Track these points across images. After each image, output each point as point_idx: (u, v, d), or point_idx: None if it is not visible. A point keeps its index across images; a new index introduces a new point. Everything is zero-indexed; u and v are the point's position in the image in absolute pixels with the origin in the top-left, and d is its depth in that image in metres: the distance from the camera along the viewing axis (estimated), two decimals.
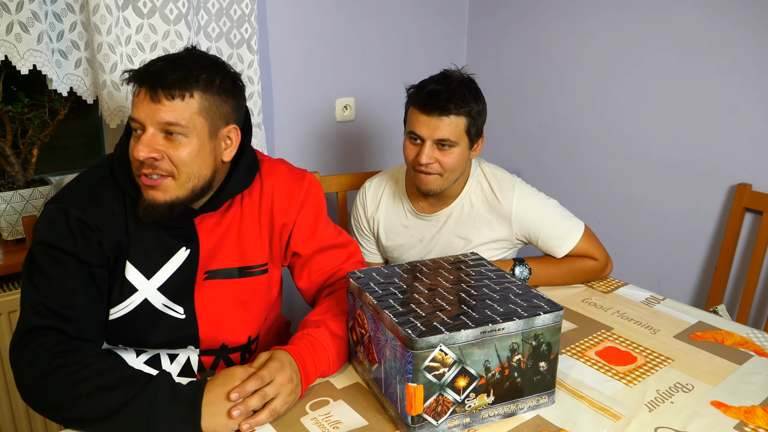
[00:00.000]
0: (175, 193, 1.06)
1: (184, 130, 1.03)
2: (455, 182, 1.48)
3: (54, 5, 1.55)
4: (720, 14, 1.80)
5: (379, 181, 1.64)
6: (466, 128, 1.40)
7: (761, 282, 1.83)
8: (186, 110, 1.03)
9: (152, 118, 1.02)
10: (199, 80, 1.04)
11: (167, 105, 1.01)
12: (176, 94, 1.02)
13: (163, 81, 1.01)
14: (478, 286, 1.07)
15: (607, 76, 2.12)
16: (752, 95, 1.78)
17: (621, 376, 1.12)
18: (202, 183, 1.08)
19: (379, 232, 1.63)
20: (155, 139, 1.03)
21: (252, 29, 1.85)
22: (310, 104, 2.18)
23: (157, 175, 1.04)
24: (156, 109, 1.01)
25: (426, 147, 1.40)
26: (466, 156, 1.44)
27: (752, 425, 0.98)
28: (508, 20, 2.39)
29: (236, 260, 1.18)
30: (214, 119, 1.07)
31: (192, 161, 1.05)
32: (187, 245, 1.13)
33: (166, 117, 1.01)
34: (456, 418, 0.95)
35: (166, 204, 1.06)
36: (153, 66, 1.04)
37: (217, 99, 1.07)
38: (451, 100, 1.37)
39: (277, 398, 0.97)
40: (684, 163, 1.96)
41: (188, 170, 1.05)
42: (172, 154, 1.03)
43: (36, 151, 1.72)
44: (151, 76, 1.02)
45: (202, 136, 1.06)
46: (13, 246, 1.70)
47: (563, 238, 1.47)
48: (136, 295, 1.11)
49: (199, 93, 1.04)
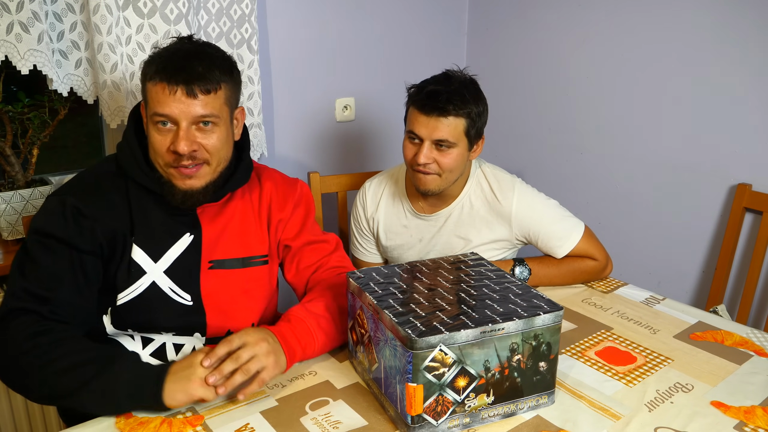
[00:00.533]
0: (210, 178, 1.14)
1: (216, 119, 1.11)
2: (454, 183, 1.47)
3: (54, 5, 1.55)
4: (720, 14, 1.80)
5: (378, 181, 1.64)
6: (465, 130, 1.40)
7: (761, 282, 1.83)
8: (217, 102, 1.11)
9: (187, 113, 1.08)
10: (223, 72, 1.12)
11: (202, 99, 1.08)
12: (211, 88, 1.09)
13: (197, 76, 1.07)
14: (478, 286, 1.08)
15: (607, 76, 2.12)
16: (753, 95, 1.78)
17: (621, 376, 1.12)
18: (226, 164, 1.18)
19: (378, 232, 1.63)
20: (191, 132, 1.09)
21: (252, 29, 1.85)
22: (310, 104, 2.18)
23: (195, 165, 1.11)
24: (191, 104, 1.07)
25: (424, 147, 1.40)
26: (465, 157, 1.44)
27: (752, 425, 0.98)
28: (508, 20, 2.40)
29: (239, 251, 1.24)
30: (232, 104, 1.16)
31: (222, 147, 1.14)
32: (191, 231, 1.19)
33: (201, 111, 1.08)
34: (456, 418, 0.95)
35: (202, 188, 1.14)
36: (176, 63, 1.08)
37: (233, 87, 1.16)
38: (451, 101, 1.37)
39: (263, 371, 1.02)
40: (684, 163, 1.96)
41: (219, 155, 1.14)
42: (206, 143, 1.11)
43: (36, 151, 1.72)
44: (183, 72, 1.07)
45: (227, 122, 1.15)
46: (13, 246, 1.70)
47: (563, 238, 1.47)
48: (144, 278, 1.15)
49: (225, 84, 1.12)
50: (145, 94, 1.11)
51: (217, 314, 1.20)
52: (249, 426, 0.97)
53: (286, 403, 1.04)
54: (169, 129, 1.09)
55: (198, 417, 1.00)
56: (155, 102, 1.08)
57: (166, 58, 1.09)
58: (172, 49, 1.11)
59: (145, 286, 1.15)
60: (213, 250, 1.21)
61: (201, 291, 1.19)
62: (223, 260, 1.22)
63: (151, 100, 1.09)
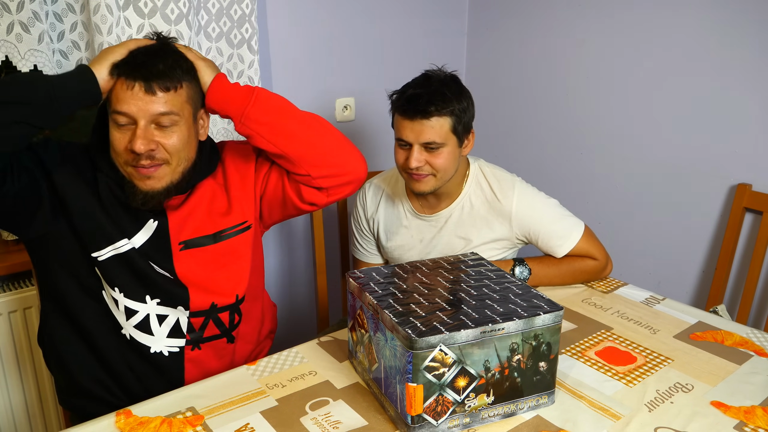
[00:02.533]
0: (170, 179, 1.12)
1: (176, 119, 1.09)
2: (450, 181, 1.47)
3: (55, 5, 1.55)
4: (720, 14, 1.80)
5: (378, 182, 1.65)
6: (452, 128, 1.40)
7: (761, 282, 1.83)
8: (177, 100, 1.09)
9: (146, 110, 1.07)
10: (185, 70, 1.11)
11: (161, 96, 1.07)
12: (170, 85, 1.08)
13: (157, 73, 1.06)
14: (478, 286, 1.08)
15: (607, 76, 2.12)
16: (753, 95, 1.78)
17: (621, 376, 1.12)
18: (189, 165, 1.16)
19: (379, 232, 1.63)
20: (149, 131, 1.08)
21: (252, 29, 1.85)
22: (310, 104, 2.18)
23: (154, 165, 1.09)
24: (150, 101, 1.06)
25: (414, 151, 1.39)
26: (456, 154, 1.44)
27: (752, 425, 0.98)
28: (508, 20, 2.40)
29: (209, 227, 1.23)
30: (195, 103, 1.15)
31: (183, 147, 1.12)
32: (155, 217, 1.19)
33: (161, 108, 1.07)
34: (456, 418, 0.95)
35: (163, 190, 1.12)
36: (138, 59, 1.08)
37: (195, 85, 1.14)
38: (432, 102, 1.36)
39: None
40: (684, 163, 1.96)
41: (180, 155, 1.12)
42: (166, 143, 1.09)
43: None
44: (143, 69, 1.06)
45: (189, 122, 1.13)
46: (13, 246, 1.70)
47: (563, 237, 1.47)
48: (123, 242, 1.15)
49: (186, 82, 1.11)
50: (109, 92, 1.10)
51: (198, 290, 1.20)
52: (249, 426, 0.98)
53: (286, 403, 1.04)
54: (128, 127, 1.08)
55: (198, 417, 1.00)
56: (115, 99, 1.07)
57: (130, 56, 1.09)
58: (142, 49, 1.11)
59: (126, 249, 1.15)
60: (181, 231, 1.21)
61: (176, 271, 1.19)
62: (193, 239, 1.21)
63: (112, 98, 1.09)
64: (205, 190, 1.24)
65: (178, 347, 1.21)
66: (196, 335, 1.22)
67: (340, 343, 1.24)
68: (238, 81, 1.88)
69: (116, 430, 0.97)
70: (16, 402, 1.68)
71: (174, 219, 1.20)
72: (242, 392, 1.07)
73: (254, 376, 1.12)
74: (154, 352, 1.19)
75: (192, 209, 1.22)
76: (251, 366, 1.15)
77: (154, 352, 1.19)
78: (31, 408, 1.71)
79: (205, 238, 1.22)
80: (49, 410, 1.73)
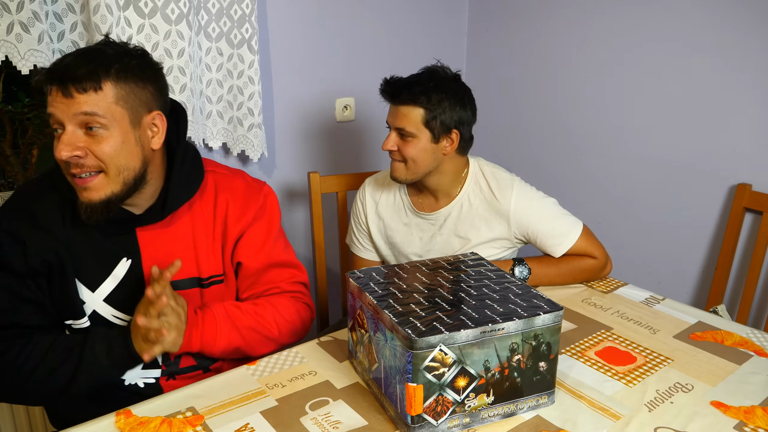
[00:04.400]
0: (109, 189, 1.05)
1: (102, 120, 1.01)
2: (443, 178, 1.49)
3: (55, 5, 1.55)
4: (720, 14, 1.80)
5: (379, 179, 1.65)
6: (424, 120, 1.40)
7: (761, 282, 1.83)
8: (102, 102, 1.01)
9: (67, 112, 1.00)
10: (109, 70, 1.01)
11: (78, 98, 0.99)
12: (88, 86, 1.00)
13: (72, 75, 0.99)
14: (478, 286, 1.08)
15: (607, 76, 2.12)
16: (752, 95, 1.78)
17: (621, 376, 1.12)
18: (134, 175, 1.07)
19: (378, 228, 1.63)
20: (75, 136, 1.01)
21: (252, 29, 1.85)
22: (310, 104, 2.18)
23: (87, 174, 1.03)
24: (69, 103, 1.00)
25: (391, 133, 1.46)
26: (429, 149, 1.43)
27: (752, 425, 0.98)
28: (508, 20, 2.40)
29: (192, 271, 1.18)
30: (134, 107, 1.05)
31: (118, 154, 1.04)
32: (129, 256, 1.14)
33: (81, 108, 0.99)
34: (456, 418, 0.95)
35: (103, 202, 1.05)
36: (61, 62, 1.02)
37: (133, 86, 1.04)
38: (403, 89, 1.40)
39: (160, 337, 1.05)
40: (684, 163, 1.96)
41: (116, 163, 1.04)
42: (96, 149, 1.02)
43: (36, 151, 1.73)
44: (59, 72, 1.00)
45: (124, 126, 1.04)
46: None
47: (562, 236, 1.47)
48: (85, 307, 1.13)
49: (111, 82, 1.02)
50: None
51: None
52: (249, 426, 0.97)
53: (286, 403, 1.04)
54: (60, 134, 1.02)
55: (198, 417, 1.00)
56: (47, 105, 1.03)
57: (58, 61, 1.03)
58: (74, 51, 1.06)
59: (88, 314, 1.13)
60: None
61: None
62: (173, 282, 1.13)
63: None
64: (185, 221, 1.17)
65: (153, 378, 1.18)
66: (172, 368, 1.19)
67: (340, 343, 1.24)
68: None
69: (116, 430, 0.97)
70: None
71: (149, 256, 1.13)
72: (242, 392, 1.07)
73: (254, 376, 1.12)
74: (128, 384, 1.16)
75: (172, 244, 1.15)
76: (251, 366, 1.15)
77: (128, 384, 1.16)
78: (32, 408, 1.71)
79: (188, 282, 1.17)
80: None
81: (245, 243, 1.23)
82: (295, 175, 2.20)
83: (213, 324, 1.14)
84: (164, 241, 1.16)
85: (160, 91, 1.10)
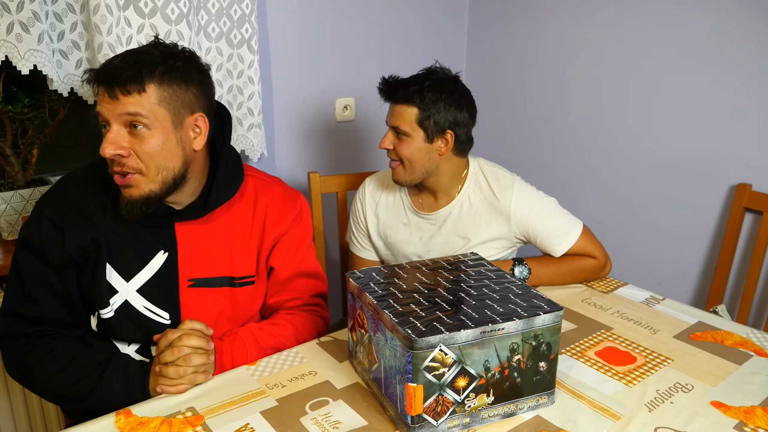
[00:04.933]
0: (148, 188, 1.08)
1: (146, 121, 1.04)
2: (442, 177, 1.49)
3: (55, 5, 1.55)
4: (720, 14, 1.80)
5: (379, 179, 1.65)
6: (418, 119, 1.41)
7: (761, 282, 1.83)
8: (145, 102, 1.04)
9: (113, 112, 1.04)
10: (154, 72, 1.04)
11: (123, 99, 1.03)
12: (132, 88, 1.03)
13: (118, 78, 1.03)
14: (478, 286, 1.08)
15: (607, 76, 2.12)
16: (753, 95, 1.78)
17: (621, 376, 1.12)
18: (173, 175, 1.09)
19: (378, 228, 1.63)
20: (120, 135, 1.05)
21: (252, 29, 1.85)
22: (310, 104, 2.18)
23: (126, 173, 1.06)
24: (115, 104, 1.03)
25: (388, 132, 1.46)
26: (423, 149, 1.44)
27: (752, 425, 0.98)
28: (508, 20, 2.39)
29: (225, 270, 1.21)
30: (176, 108, 1.07)
31: (158, 154, 1.06)
32: (166, 249, 1.16)
33: (126, 108, 1.03)
34: (456, 418, 0.95)
35: (142, 199, 1.08)
36: (109, 63, 1.06)
37: (176, 88, 1.07)
38: (398, 87, 1.41)
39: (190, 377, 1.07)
40: (684, 163, 1.96)
41: (156, 163, 1.07)
42: (138, 149, 1.05)
43: (36, 151, 1.72)
44: (106, 74, 1.04)
45: (166, 127, 1.06)
46: (13, 246, 1.69)
47: (562, 236, 1.47)
48: (116, 297, 1.15)
49: (154, 84, 1.04)
50: None
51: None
52: (249, 426, 0.97)
53: (286, 403, 1.04)
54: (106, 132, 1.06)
55: (198, 417, 1.00)
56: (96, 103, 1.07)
57: (107, 62, 1.07)
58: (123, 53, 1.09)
59: (118, 304, 1.15)
60: (193, 268, 1.18)
61: (181, 310, 1.17)
62: (206, 278, 1.18)
63: None
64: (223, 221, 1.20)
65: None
66: None
67: (340, 343, 1.23)
68: (244, 151, 1.88)
69: (116, 429, 0.97)
70: (16, 402, 1.68)
71: (186, 252, 1.17)
72: (242, 392, 1.07)
73: (254, 376, 1.12)
74: None
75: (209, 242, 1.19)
76: (251, 366, 1.15)
77: None
78: (32, 408, 1.71)
79: (220, 280, 1.20)
80: (49, 410, 1.73)
81: (280, 249, 1.26)
82: (295, 175, 2.20)
83: (243, 348, 1.17)
84: (201, 237, 1.18)
85: (204, 93, 1.12)
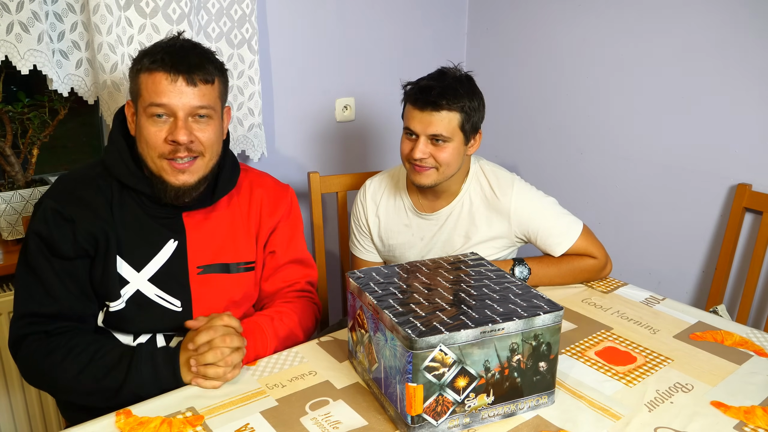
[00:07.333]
0: (203, 172, 1.16)
1: (210, 112, 1.13)
2: (451, 178, 1.48)
3: (55, 5, 1.55)
4: (720, 14, 1.80)
5: (379, 181, 1.65)
6: (460, 124, 1.41)
7: (761, 282, 1.83)
8: (213, 94, 1.14)
9: (185, 103, 1.10)
10: (217, 68, 1.15)
11: (201, 89, 1.10)
12: (209, 78, 1.12)
13: (198, 66, 1.10)
14: (478, 286, 1.08)
15: (607, 76, 2.12)
16: (752, 95, 1.78)
17: (621, 376, 1.12)
18: (217, 159, 1.19)
19: (379, 231, 1.63)
20: (188, 124, 1.11)
21: (252, 29, 1.85)
22: (310, 104, 2.18)
23: (190, 158, 1.13)
24: (191, 93, 1.09)
25: (420, 142, 1.41)
26: (461, 152, 1.44)
27: (752, 425, 0.98)
28: (508, 20, 2.40)
29: (228, 256, 1.25)
30: (222, 100, 1.19)
31: (216, 141, 1.17)
32: (175, 237, 1.19)
33: (200, 101, 1.11)
34: (456, 418, 0.95)
35: (196, 183, 1.15)
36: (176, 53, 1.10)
37: (224, 83, 1.19)
38: (443, 95, 1.38)
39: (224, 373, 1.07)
40: (684, 163, 1.96)
41: (213, 150, 1.16)
42: (201, 136, 1.13)
43: (36, 151, 1.72)
44: (185, 61, 1.09)
45: (219, 117, 1.18)
46: (13, 246, 1.70)
47: (562, 235, 1.48)
48: (128, 287, 1.16)
49: (218, 79, 1.15)
50: (139, 87, 1.12)
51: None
52: (249, 426, 0.98)
53: (286, 403, 1.04)
54: (165, 121, 1.11)
55: (198, 417, 1.00)
56: (153, 93, 1.09)
57: (164, 51, 1.10)
58: (165, 44, 1.13)
59: (130, 294, 1.16)
60: (200, 255, 1.21)
61: (192, 296, 1.20)
62: (211, 265, 1.23)
63: (146, 92, 1.10)
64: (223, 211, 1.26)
65: None
66: None
67: (340, 343, 1.24)
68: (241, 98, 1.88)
69: (116, 429, 0.97)
70: (16, 402, 1.68)
71: (194, 239, 1.21)
72: (242, 392, 1.07)
73: (254, 376, 1.12)
74: None
75: (212, 230, 1.24)
76: (251, 366, 1.15)
77: None
78: (32, 408, 1.71)
79: (221, 266, 1.24)
80: (50, 410, 1.73)
81: (278, 234, 1.33)
82: (295, 175, 2.20)
83: (264, 341, 1.19)
84: (207, 225, 1.23)
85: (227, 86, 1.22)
